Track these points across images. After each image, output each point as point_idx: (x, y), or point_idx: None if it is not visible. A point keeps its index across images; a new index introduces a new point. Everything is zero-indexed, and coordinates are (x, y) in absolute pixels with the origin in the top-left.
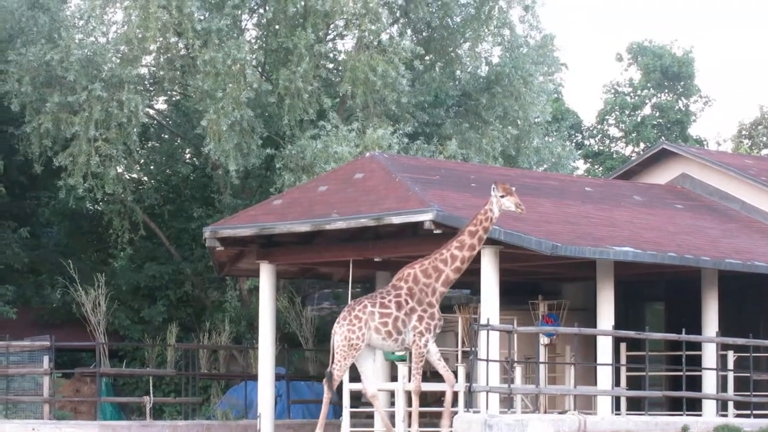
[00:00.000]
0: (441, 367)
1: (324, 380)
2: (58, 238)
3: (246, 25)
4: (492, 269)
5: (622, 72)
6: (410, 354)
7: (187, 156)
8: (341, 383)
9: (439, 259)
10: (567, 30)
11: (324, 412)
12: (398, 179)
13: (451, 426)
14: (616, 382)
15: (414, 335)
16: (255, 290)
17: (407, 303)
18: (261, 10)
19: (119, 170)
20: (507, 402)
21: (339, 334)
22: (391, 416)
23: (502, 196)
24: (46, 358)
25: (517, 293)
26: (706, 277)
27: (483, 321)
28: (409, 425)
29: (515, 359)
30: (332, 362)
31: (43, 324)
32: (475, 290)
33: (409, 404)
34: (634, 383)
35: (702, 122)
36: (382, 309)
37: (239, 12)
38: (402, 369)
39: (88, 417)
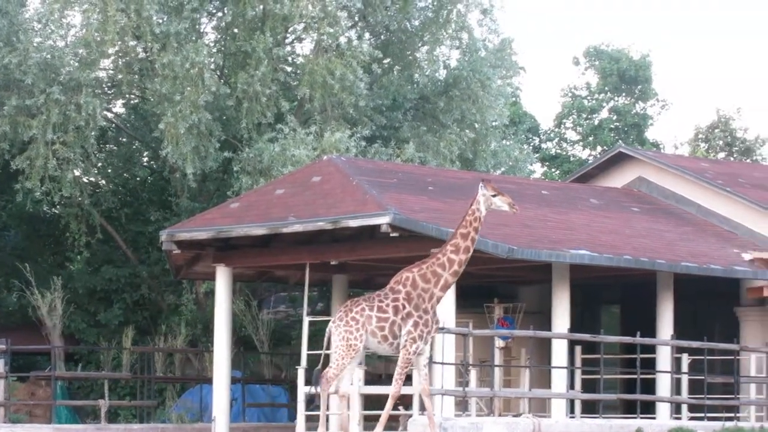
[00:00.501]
0: (423, 374)
1: (320, 379)
2: (15, 241)
3: (205, 28)
4: None
5: (580, 75)
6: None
7: (145, 159)
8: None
9: (436, 263)
10: (525, 34)
11: (323, 410)
12: (355, 182)
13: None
14: (571, 385)
15: (406, 340)
16: (211, 293)
17: (404, 308)
18: (219, 14)
19: (77, 173)
20: (462, 405)
21: (336, 334)
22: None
23: (493, 195)
24: (1, 362)
25: (472, 296)
26: (661, 280)
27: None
28: (365, 428)
29: (470, 362)
30: (326, 363)
31: None
32: None
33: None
34: (588, 386)
35: (659, 126)
36: (380, 313)
37: (198, 15)
38: (357, 372)
39: (43, 420)
